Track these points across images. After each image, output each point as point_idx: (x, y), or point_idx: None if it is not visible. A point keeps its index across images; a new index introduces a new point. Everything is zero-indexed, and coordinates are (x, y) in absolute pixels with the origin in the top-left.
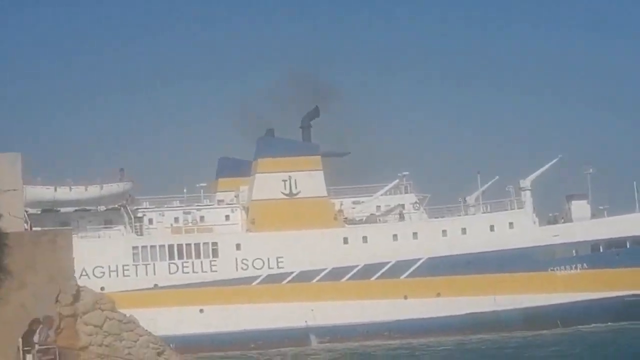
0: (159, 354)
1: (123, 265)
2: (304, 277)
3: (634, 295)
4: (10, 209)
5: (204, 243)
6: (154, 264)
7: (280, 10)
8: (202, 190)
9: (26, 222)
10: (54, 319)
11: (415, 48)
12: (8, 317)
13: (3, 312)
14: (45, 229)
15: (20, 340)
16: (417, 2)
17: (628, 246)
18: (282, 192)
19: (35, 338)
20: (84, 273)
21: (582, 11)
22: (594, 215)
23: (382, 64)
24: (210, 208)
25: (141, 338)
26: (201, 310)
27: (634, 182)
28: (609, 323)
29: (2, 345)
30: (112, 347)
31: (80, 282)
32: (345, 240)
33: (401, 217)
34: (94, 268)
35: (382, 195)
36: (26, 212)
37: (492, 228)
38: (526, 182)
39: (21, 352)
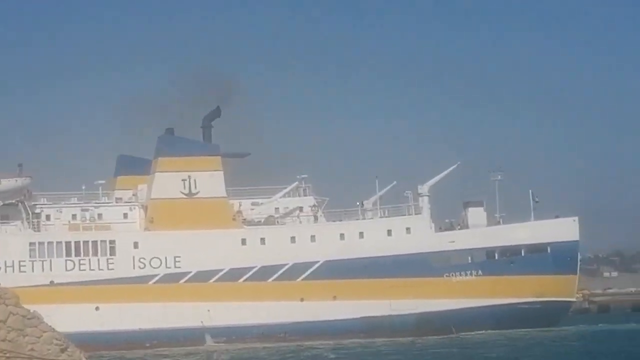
0: (62, 351)
1: (19, 261)
2: (201, 277)
3: (527, 302)
4: None
5: (101, 241)
6: (50, 261)
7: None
8: (100, 188)
9: None
10: None
11: (316, 51)
12: None
13: None
14: None
15: None
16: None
17: (522, 254)
18: (182, 192)
19: None
20: None
21: (484, 13)
22: (499, 222)
23: (283, 65)
24: (109, 206)
25: (45, 334)
26: (97, 308)
27: (530, 191)
28: (503, 330)
29: None
30: (15, 343)
31: None
32: (243, 242)
33: (315, 219)
34: None
35: (280, 197)
36: None
37: (389, 233)
38: (424, 188)
39: None
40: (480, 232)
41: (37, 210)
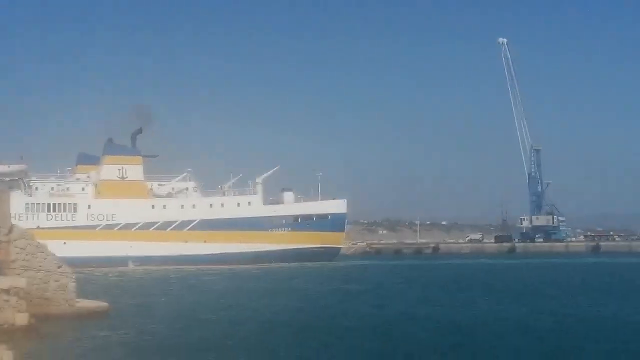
0: (58, 267)
1: (18, 214)
2: (126, 227)
3: (315, 247)
4: None
5: (69, 203)
6: (37, 214)
7: None
8: (67, 171)
9: None
10: None
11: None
12: None
13: None
14: None
15: None
16: None
17: (314, 219)
18: (117, 176)
19: None
20: None
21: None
22: (301, 200)
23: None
24: (73, 183)
25: (48, 257)
26: (64, 243)
27: (319, 175)
28: (301, 262)
29: None
30: (30, 261)
31: None
32: (153, 207)
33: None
34: None
35: (175, 181)
36: None
37: (238, 204)
38: (259, 180)
39: None
40: (290, 206)
41: (31, 184)
